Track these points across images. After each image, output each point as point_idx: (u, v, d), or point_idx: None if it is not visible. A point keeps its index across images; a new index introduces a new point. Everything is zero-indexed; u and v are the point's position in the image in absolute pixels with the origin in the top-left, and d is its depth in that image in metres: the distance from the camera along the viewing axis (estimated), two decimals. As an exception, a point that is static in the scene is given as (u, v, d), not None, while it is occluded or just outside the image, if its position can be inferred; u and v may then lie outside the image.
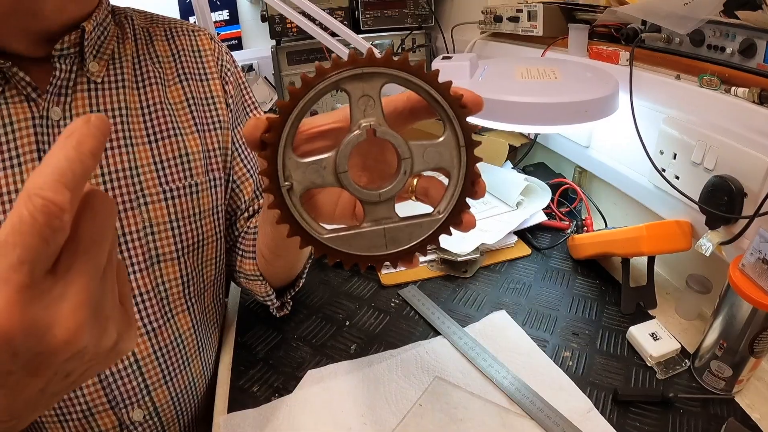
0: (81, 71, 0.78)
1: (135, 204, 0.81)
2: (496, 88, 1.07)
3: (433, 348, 0.97)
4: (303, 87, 0.48)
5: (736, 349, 0.82)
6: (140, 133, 0.83)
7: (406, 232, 0.54)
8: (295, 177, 0.50)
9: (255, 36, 2.83)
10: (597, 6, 1.35)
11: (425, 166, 0.53)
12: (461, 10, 2.26)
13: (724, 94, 0.94)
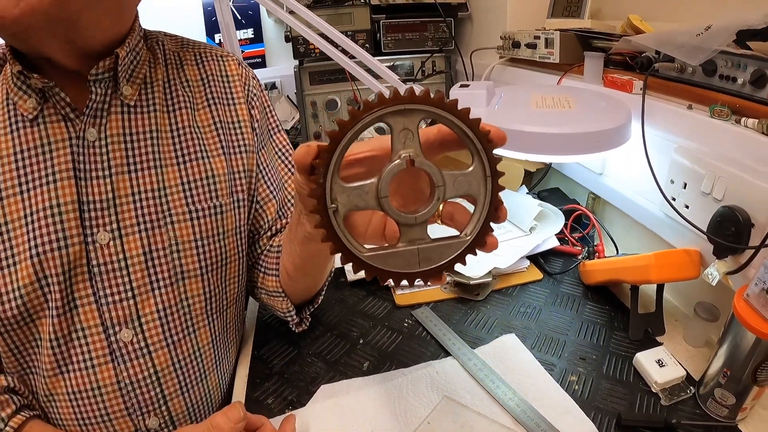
0: (115, 94, 0.83)
1: (162, 222, 0.85)
2: (511, 117, 1.11)
3: (443, 368, 0.99)
4: (351, 119, 0.53)
5: (740, 377, 0.83)
6: (169, 155, 0.88)
7: (437, 252, 0.59)
8: (340, 200, 0.55)
9: (278, 55, 2.89)
10: (613, 34, 1.39)
11: (455, 193, 0.58)
12: (480, 34, 2.31)
13: (734, 125, 0.96)
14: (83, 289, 0.81)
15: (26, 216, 0.77)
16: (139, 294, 0.84)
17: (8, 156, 0.77)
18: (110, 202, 0.82)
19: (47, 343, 0.80)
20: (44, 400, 0.85)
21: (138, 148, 0.85)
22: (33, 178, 0.78)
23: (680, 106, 1.09)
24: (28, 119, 0.78)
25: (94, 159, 0.80)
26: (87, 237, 0.80)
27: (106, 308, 0.82)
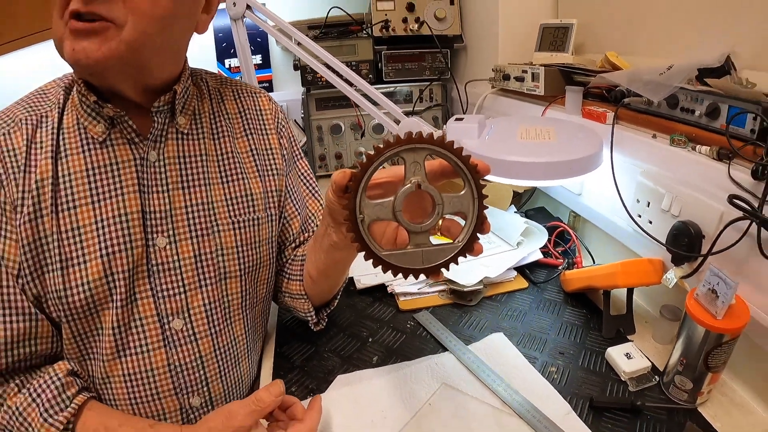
0: (171, 123, 1.00)
1: (210, 231, 1.02)
2: (499, 148, 1.28)
3: (442, 361, 1.15)
4: (376, 153, 0.73)
5: (695, 365, 0.98)
6: (215, 175, 1.05)
7: (437, 254, 0.79)
8: (366, 212, 0.76)
9: (285, 80, 3.04)
10: (591, 70, 1.55)
11: (451, 210, 0.78)
12: (475, 64, 2.48)
13: (690, 151, 1.12)
14: (142, 285, 0.97)
15: (96, 222, 0.92)
16: (189, 290, 1.00)
17: (81, 172, 0.92)
18: (167, 213, 0.98)
19: (109, 331, 0.95)
20: (100, 382, 0.99)
21: (190, 169, 1.01)
22: (103, 191, 0.93)
23: (646, 135, 1.26)
24: (98, 141, 0.94)
25: (154, 177, 0.97)
26: (148, 241, 0.96)
27: (161, 301, 0.98)
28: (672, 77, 1.21)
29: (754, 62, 1.20)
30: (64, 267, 0.90)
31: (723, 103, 1.08)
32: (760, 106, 0.99)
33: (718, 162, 1.04)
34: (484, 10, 2.30)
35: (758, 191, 0.92)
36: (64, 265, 0.90)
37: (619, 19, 1.74)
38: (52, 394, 0.90)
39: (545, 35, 1.92)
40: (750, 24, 1.22)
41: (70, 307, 0.91)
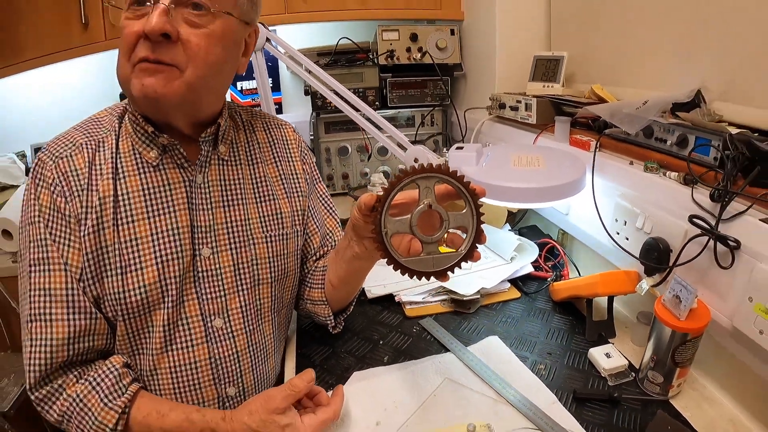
0: (214, 151, 1.17)
1: (247, 244, 1.19)
2: (495, 175, 1.45)
3: (444, 360, 1.32)
4: (397, 180, 0.95)
5: (665, 361, 1.14)
6: (250, 196, 1.22)
7: (444, 260, 0.99)
8: (388, 227, 0.97)
9: (294, 103, 3.24)
10: (579, 102, 1.72)
11: (455, 225, 0.98)
12: (473, 92, 2.66)
13: (661, 177, 1.29)
14: (189, 288, 1.12)
15: (152, 234, 1.08)
16: (228, 293, 1.16)
17: (138, 191, 1.08)
18: (211, 227, 1.14)
19: (159, 328, 1.10)
20: (148, 374, 1.13)
21: (229, 190, 1.18)
22: (158, 208, 1.09)
23: (624, 162, 1.43)
24: (152, 165, 1.10)
25: (200, 196, 1.13)
26: (195, 251, 1.12)
27: (205, 302, 1.14)
28: (647, 111, 1.38)
29: (724, 95, 1.36)
30: (123, 272, 1.05)
31: (691, 134, 1.25)
32: (722, 138, 1.14)
33: (684, 186, 1.21)
34: (482, 41, 2.47)
35: (716, 212, 1.08)
36: (123, 271, 1.05)
37: (605, 53, 1.91)
38: (110, 382, 1.04)
39: (538, 66, 2.08)
40: (719, 60, 1.38)
41: (127, 307, 1.06)
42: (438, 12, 2.71)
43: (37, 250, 1.03)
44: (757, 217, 1.03)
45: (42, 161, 1.06)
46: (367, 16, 2.69)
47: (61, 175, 1.04)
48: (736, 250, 1.05)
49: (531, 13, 2.31)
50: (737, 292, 1.06)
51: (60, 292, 1.02)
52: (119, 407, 1.02)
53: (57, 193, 1.04)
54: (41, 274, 1.02)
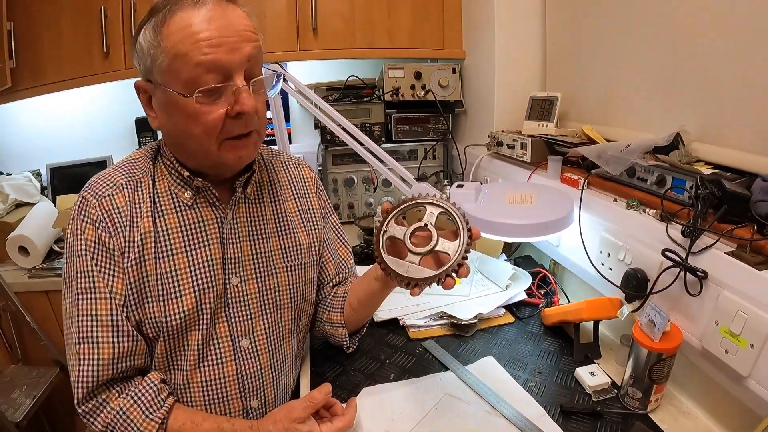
0: (243, 192, 1.31)
1: (270, 273, 1.32)
2: (491, 212, 1.58)
3: (445, 378, 1.45)
4: (403, 202, 1.19)
5: (642, 378, 1.27)
6: (273, 230, 1.35)
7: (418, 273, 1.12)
8: (389, 229, 1.16)
9: (303, 133, 3.39)
10: (570, 142, 1.86)
11: (441, 249, 1.12)
12: (473, 127, 2.82)
13: (641, 213, 1.43)
14: (220, 313, 1.25)
15: (190, 266, 1.21)
16: (254, 317, 1.29)
17: (176, 228, 1.21)
18: (239, 259, 1.27)
19: (194, 347, 1.22)
20: (181, 388, 1.25)
21: (254, 226, 1.32)
22: (193, 243, 1.22)
23: (609, 199, 1.58)
24: (187, 205, 1.23)
25: (230, 232, 1.27)
26: (226, 280, 1.25)
27: (233, 325, 1.26)
28: (630, 153, 1.53)
29: (701, 136, 1.51)
30: (164, 300, 1.18)
31: (668, 174, 1.41)
32: (695, 179, 1.29)
33: (660, 222, 1.35)
34: (482, 80, 2.64)
35: (687, 245, 1.22)
36: (165, 298, 1.18)
37: (595, 95, 2.07)
38: (150, 396, 1.16)
39: (534, 105, 2.23)
40: (697, 104, 1.54)
41: (168, 329, 1.18)
42: (441, 51, 2.89)
43: (85, 280, 1.14)
44: (723, 251, 1.17)
45: (86, 200, 1.17)
46: (374, 54, 2.87)
47: (104, 212, 1.15)
48: (704, 280, 1.19)
49: (528, 54, 2.47)
50: (705, 316, 1.19)
51: (105, 318, 1.13)
52: (159, 418, 1.14)
53: (102, 228, 1.14)
54: (89, 302, 1.13)
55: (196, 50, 1.04)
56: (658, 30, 1.67)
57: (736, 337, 1.10)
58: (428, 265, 1.12)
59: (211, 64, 1.05)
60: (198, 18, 1.05)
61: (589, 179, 1.67)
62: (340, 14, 2.73)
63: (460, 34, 2.87)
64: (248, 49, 1.10)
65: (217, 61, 1.05)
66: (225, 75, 1.08)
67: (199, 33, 1.04)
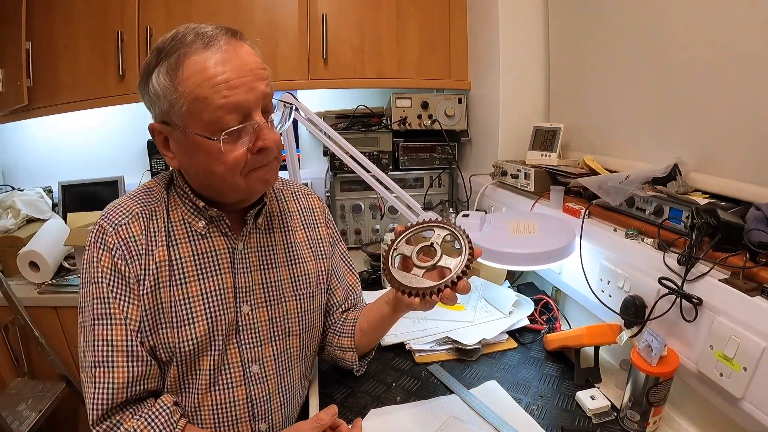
0: (255, 222, 1.36)
1: (280, 301, 1.37)
2: (495, 241, 1.64)
3: (449, 401, 1.49)
4: (417, 224, 1.28)
5: (641, 401, 1.31)
6: (282, 259, 1.40)
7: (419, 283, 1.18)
8: (399, 247, 1.26)
9: (311, 159, 3.47)
10: (571, 173, 1.91)
11: (443, 264, 1.18)
12: (478, 156, 2.89)
13: (639, 243, 1.48)
14: (232, 339, 1.30)
15: (203, 294, 1.25)
16: (263, 343, 1.34)
17: (190, 257, 1.26)
18: (250, 288, 1.32)
19: (205, 372, 1.26)
20: (192, 411, 1.29)
21: (265, 255, 1.37)
22: (206, 271, 1.27)
23: (609, 229, 1.62)
24: (200, 234, 1.28)
25: (241, 261, 1.32)
26: (237, 308, 1.30)
27: (244, 351, 1.31)
28: (630, 184, 1.58)
29: (698, 167, 1.57)
30: (178, 326, 1.22)
31: (666, 205, 1.46)
32: (691, 209, 1.34)
33: (658, 251, 1.40)
34: (486, 110, 2.71)
35: (683, 273, 1.27)
36: (178, 325, 1.22)
37: (596, 126, 2.14)
38: (164, 418, 1.19)
39: (537, 136, 2.30)
40: (694, 136, 1.60)
41: (181, 354, 1.22)
42: (447, 82, 2.97)
43: (101, 306, 1.16)
44: (716, 278, 1.22)
45: (103, 228, 1.20)
46: (382, 84, 2.95)
47: (121, 240, 1.19)
48: (699, 306, 1.23)
49: (531, 86, 2.55)
50: (700, 341, 1.24)
51: (120, 343, 1.16)
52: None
53: (118, 256, 1.18)
54: (104, 327, 1.16)
55: (215, 93, 1.08)
56: (656, 65, 1.73)
57: (729, 360, 1.14)
58: (432, 278, 1.18)
59: (231, 106, 1.10)
60: (212, 60, 1.09)
61: (590, 209, 1.72)
62: (350, 45, 2.82)
63: (466, 65, 2.95)
64: (263, 87, 1.15)
65: (237, 102, 1.10)
66: (245, 114, 1.13)
67: (217, 76, 1.08)
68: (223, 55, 1.10)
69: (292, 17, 2.75)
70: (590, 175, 1.86)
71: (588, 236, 1.66)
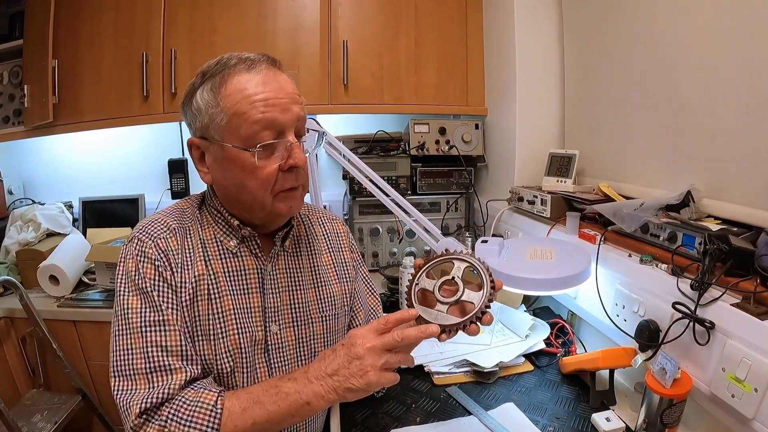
0: (282, 245, 1.40)
1: (306, 322, 1.40)
2: (513, 267, 1.67)
3: (468, 422, 1.53)
4: (433, 257, 1.24)
5: (655, 423, 1.34)
6: (309, 282, 1.44)
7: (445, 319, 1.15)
8: (420, 282, 1.21)
9: (329, 181, 3.49)
10: (587, 200, 1.96)
11: (467, 299, 1.16)
12: (494, 181, 2.93)
13: (653, 268, 1.52)
14: (260, 357, 1.33)
15: (234, 309, 1.29)
16: (290, 363, 1.37)
17: (222, 273, 1.30)
18: (278, 308, 1.36)
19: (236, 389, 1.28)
20: None
21: (292, 278, 1.40)
22: (237, 289, 1.31)
23: (624, 254, 1.66)
24: (232, 252, 1.33)
25: (270, 282, 1.36)
26: (266, 327, 1.34)
27: (273, 370, 1.34)
28: (644, 211, 1.62)
29: (710, 193, 1.61)
30: (214, 339, 1.25)
31: (679, 231, 1.50)
32: (704, 235, 1.38)
33: (671, 276, 1.43)
34: (503, 136, 2.77)
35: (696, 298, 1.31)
36: (214, 338, 1.25)
37: (610, 153, 2.18)
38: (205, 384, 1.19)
39: (553, 162, 2.34)
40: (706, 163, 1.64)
41: (217, 369, 1.26)
42: (464, 108, 3.02)
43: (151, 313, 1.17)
44: (729, 302, 1.25)
45: (141, 241, 1.23)
46: (401, 110, 3.00)
47: (161, 252, 1.22)
48: (711, 330, 1.27)
49: (547, 113, 2.61)
50: (713, 364, 1.27)
51: (176, 348, 1.17)
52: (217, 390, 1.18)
53: (161, 266, 1.21)
54: (158, 334, 1.17)
55: (254, 109, 1.17)
56: (669, 94, 1.78)
57: (741, 382, 1.18)
58: (454, 313, 1.19)
59: (267, 122, 1.18)
60: (253, 82, 1.19)
61: (605, 235, 1.76)
62: (370, 71, 2.88)
63: (482, 92, 3.00)
64: (297, 110, 1.23)
65: (273, 119, 1.18)
66: (279, 132, 1.20)
67: (256, 94, 1.17)
68: (264, 78, 1.20)
69: (313, 44, 2.82)
70: (605, 201, 1.91)
71: (604, 262, 1.69)
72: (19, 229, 2.93)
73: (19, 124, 2.96)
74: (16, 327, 2.60)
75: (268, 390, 1.16)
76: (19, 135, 2.97)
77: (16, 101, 2.98)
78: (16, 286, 2.43)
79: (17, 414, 2.37)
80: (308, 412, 1.15)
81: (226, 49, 1.30)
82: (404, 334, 1.12)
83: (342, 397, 1.13)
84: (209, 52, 2.68)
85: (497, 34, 2.80)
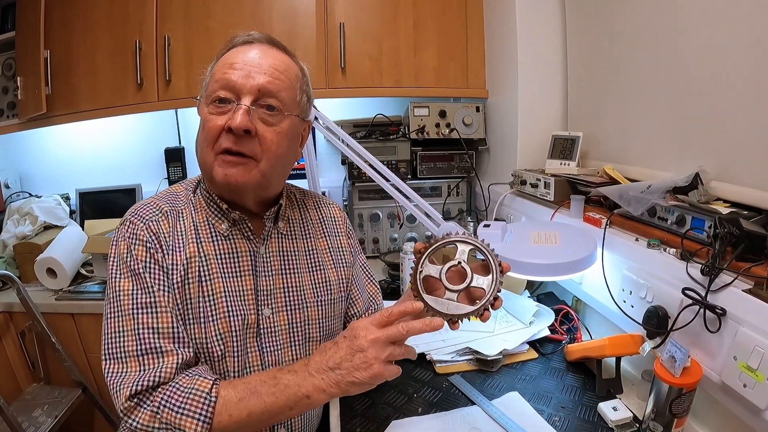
0: (275, 226, 1.38)
1: (300, 306, 1.37)
2: (517, 251, 1.63)
3: (471, 412, 1.49)
4: (435, 241, 1.19)
5: (663, 412, 1.30)
6: (304, 265, 1.41)
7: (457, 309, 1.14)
8: (424, 268, 1.17)
9: (328, 168, 3.48)
10: (592, 182, 1.91)
11: (476, 285, 1.14)
12: (496, 165, 2.88)
13: (661, 253, 1.47)
14: (252, 342, 1.30)
15: (225, 292, 1.26)
16: (282, 348, 1.34)
17: (214, 256, 1.28)
18: (271, 291, 1.33)
19: (232, 375, 1.26)
20: None
21: (286, 260, 1.38)
22: (228, 271, 1.29)
23: (630, 238, 1.62)
24: (223, 235, 1.31)
25: (262, 264, 1.33)
26: (259, 310, 1.31)
27: (265, 354, 1.31)
28: (651, 194, 1.58)
29: (719, 176, 1.55)
30: (204, 322, 1.23)
31: (688, 214, 1.45)
32: (714, 219, 1.33)
33: (680, 261, 1.39)
34: (505, 118, 2.72)
35: (706, 283, 1.26)
36: (204, 321, 1.23)
37: (615, 134, 2.12)
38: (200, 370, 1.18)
39: (556, 145, 2.29)
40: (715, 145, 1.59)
41: (207, 353, 1.24)
42: (465, 90, 2.98)
43: (143, 295, 1.18)
44: (740, 288, 1.21)
45: (133, 223, 1.24)
46: (400, 93, 2.97)
47: (152, 234, 1.23)
48: (723, 317, 1.22)
49: (550, 94, 2.55)
50: (724, 352, 1.23)
51: (167, 329, 1.17)
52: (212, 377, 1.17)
53: (153, 248, 1.22)
54: (149, 316, 1.16)
55: (220, 71, 1.23)
56: (675, 74, 1.73)
57: (753, 371, 1.13)
58: (463, 300, 1.16)
59: (225, 81, 1.21)
60: (241, 54, 1.24)
61: (611, 218, 1.72)
62: (369, 54, 2.84)
63: (483, 74, 2.95)
64: (262, 80, 1.22)
65: (230, 80, 1.21)
66: (235, 94, 1.21)
67: (232, 62, 1.23)
68: (251, 52, 1.25)
69: (309, 27, 2.78)
70: (611, 184, 1.86)
71: (610, 246, 1.65)
72: (16, 222, 2.91)
73: (14, 117, 2.93)
74: (15, 321, 2.58)
75: (267, 381, 1.14)
76: (13, 128, 2.94)
77: (10, 94, 2.95)
78: (13, 280, 2.41)
79: (18, 409, 2.37)
80: (307, 406, 1.13)
81: (222, 34, 1.31)
82: (409, 327, 1.10)
83: (345, 391, 1.11)
84: (205, 39, 2.68)
85: (498, 14, 2.74)
